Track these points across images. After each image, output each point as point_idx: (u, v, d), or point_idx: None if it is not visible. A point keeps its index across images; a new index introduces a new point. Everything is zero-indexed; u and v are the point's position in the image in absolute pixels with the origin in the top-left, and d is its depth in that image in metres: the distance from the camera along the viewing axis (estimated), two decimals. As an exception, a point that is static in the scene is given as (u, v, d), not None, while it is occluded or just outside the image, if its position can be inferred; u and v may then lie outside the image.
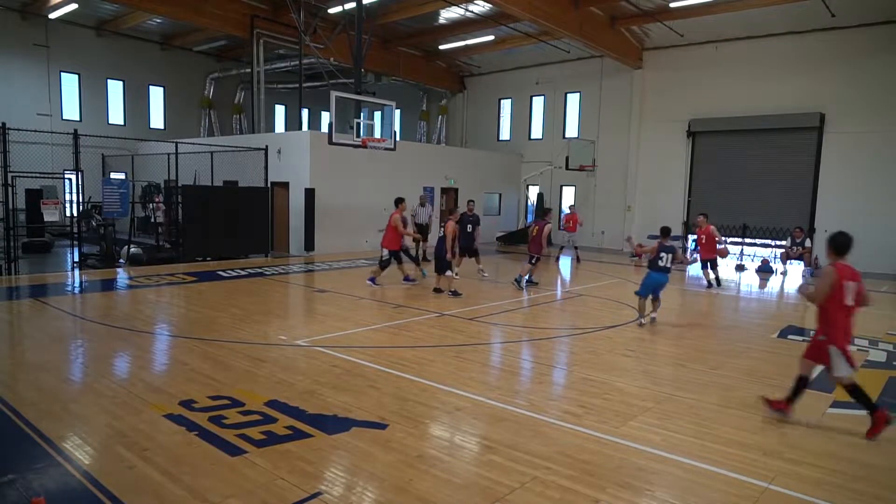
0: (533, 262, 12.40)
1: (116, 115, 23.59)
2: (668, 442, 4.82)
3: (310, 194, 16.36)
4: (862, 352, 7.99)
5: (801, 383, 5.38)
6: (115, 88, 23.52)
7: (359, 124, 13.59)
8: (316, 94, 24.95)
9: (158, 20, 21.23)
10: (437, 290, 11.47)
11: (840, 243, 5.17)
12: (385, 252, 11.95)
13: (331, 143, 13.31)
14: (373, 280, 12.05)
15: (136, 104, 24.10)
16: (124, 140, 20.45)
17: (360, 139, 13.59)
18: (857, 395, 5.09)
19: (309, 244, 16.51)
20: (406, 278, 12.41)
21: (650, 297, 9.29)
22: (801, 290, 5.58)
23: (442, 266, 11.42)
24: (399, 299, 10.86)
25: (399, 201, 12.27)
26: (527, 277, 12.68)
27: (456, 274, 11.61)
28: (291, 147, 17.23)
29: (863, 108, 17.01)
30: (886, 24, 16.38)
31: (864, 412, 5.10)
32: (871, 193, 16.91)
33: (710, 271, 13.67)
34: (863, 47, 16.88)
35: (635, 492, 4.01)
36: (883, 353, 8.00)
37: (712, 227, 13.83)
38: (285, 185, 17.23)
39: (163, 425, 4.80)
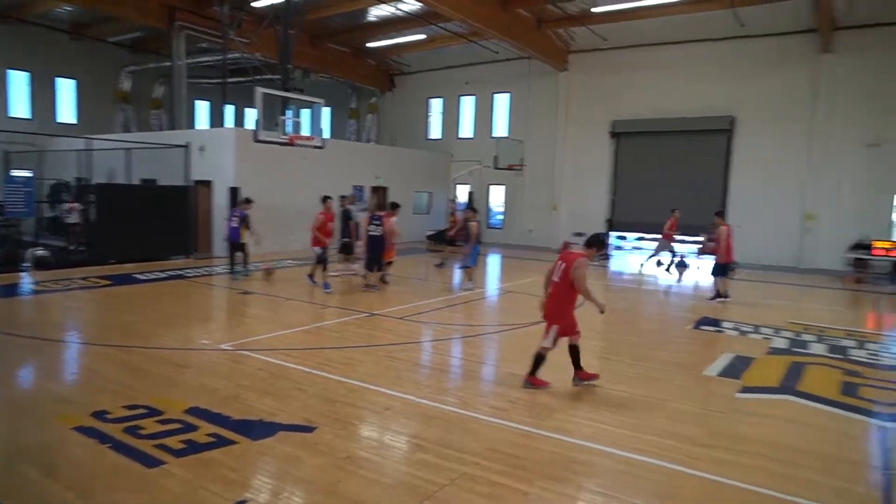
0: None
1: (21, 108, 22.01)
2: (596, 434, 4.97)
3: (234, 194, 15.85)
4: (766, 339, 8.53)
5: None
6: (19, 80, 21.93)
7: (285, 121, 13.26)
8: (241, 90, 24.14)
9: (69, 8, 19.94)
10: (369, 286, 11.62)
11: None
12: (318, 250, 11.68)
13: (257, 140, 12.94)
14: (326, 284, 11.67)
15: (43, 97, 22.57)
16: (31, 135, 19.10)
17: (287, 137, 13.26)
18: None
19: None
20: (311, 277, 12.10)
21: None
22: None
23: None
24: (327, 300, 10.69)
25: (326, 199, 11.96)
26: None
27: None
28: (215, 144, 16.62)
29: (767, 113, 18.12)
30: (790, 35, 17.51)
31: (769, 396, 5.43)
32: (773, 192, 18.06)
33: (721, 279, 11.84)
34: (769, 55, 17.98)
35: (565, 483, 4.12)
36: (785, 340, 8.56)
37: (725, 228, 11.74)
38: (209, 184, 16.61)
39: (72, 438, 4.51)
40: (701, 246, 17.42)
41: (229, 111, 27.00)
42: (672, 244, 16.11)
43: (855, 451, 4.93)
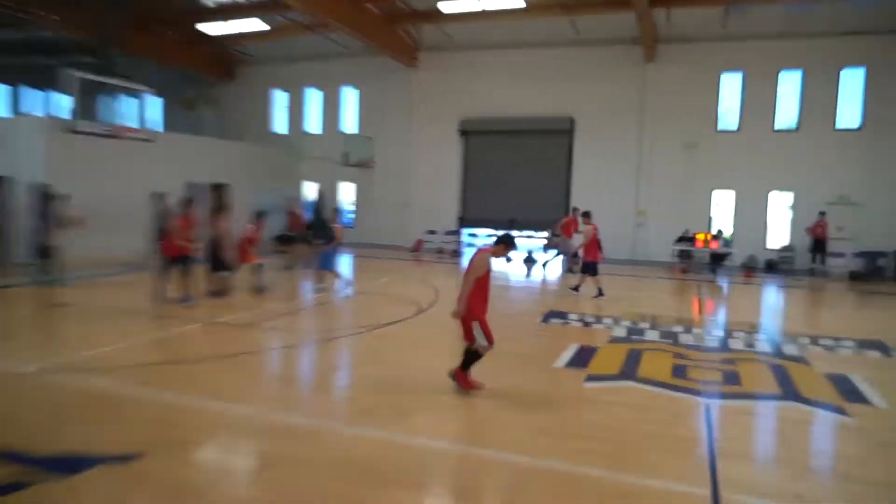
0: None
1: None
2: (453, 432, 4.88)
3: (44, 191, 13.81)
4: (607, 329, 9.10)
5: None
6: None
7: (107, 111, 11.85)
8: (51, 73, 21.25)
9: None
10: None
11: None
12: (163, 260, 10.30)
13: (71, 131, 11.43)
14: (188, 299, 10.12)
15: None
16: None
17: (109, 128, 11.85)
18: None
19: (43, 251, 13.96)
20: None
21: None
22: None
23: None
24: (166, 310, 9.62)
25: (188, 203, 10.49)
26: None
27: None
28: (17, 135, 14.38)
29: (602, 115, 19.60)
30: (620, 44, 19.00)
31: (612, 383, 5.71)
32: (609, 189, 19.56)
33: (589, 277, 12.14)
34: (602, 62, 19.43)
35: (418, 488, 3.98)
36: (624, 329, 9.19)
37: (591, 227, 12.33)
38: (5, 181, 14.31)
39: None
40: (547, 241, 18.36)
41: (35, 97, 23.77)
42: (570, 244, 15.78)
43: (685, 428, 5.32)
